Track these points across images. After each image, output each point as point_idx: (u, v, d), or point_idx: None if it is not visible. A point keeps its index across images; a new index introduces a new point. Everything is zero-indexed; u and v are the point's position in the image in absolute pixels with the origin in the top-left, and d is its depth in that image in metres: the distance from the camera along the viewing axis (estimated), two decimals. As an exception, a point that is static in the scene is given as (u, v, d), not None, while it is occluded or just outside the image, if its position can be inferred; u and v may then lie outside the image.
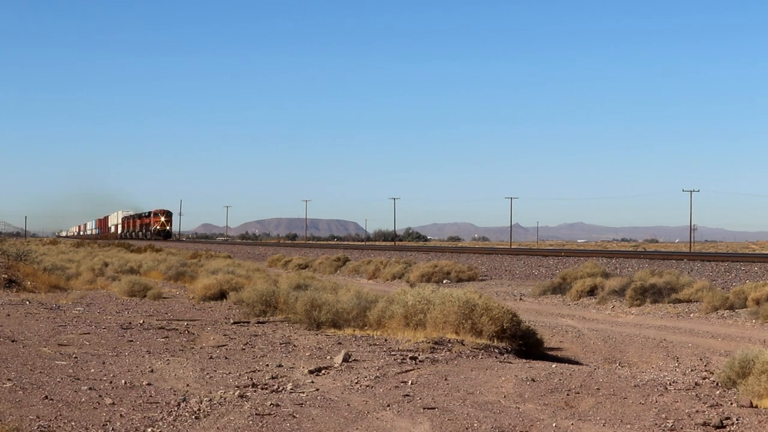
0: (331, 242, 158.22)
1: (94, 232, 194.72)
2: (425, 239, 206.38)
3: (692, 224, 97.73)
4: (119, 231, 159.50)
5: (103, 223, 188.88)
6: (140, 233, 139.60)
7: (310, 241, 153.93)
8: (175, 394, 8.92)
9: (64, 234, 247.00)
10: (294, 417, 8.12)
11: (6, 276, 22.58)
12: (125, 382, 9.43)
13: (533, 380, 9.65)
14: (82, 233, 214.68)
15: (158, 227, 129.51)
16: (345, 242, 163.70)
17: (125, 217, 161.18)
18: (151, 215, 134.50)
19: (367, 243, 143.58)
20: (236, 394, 9.04)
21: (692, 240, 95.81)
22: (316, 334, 13.91)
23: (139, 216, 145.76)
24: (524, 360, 11.99)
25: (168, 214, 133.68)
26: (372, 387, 9.54)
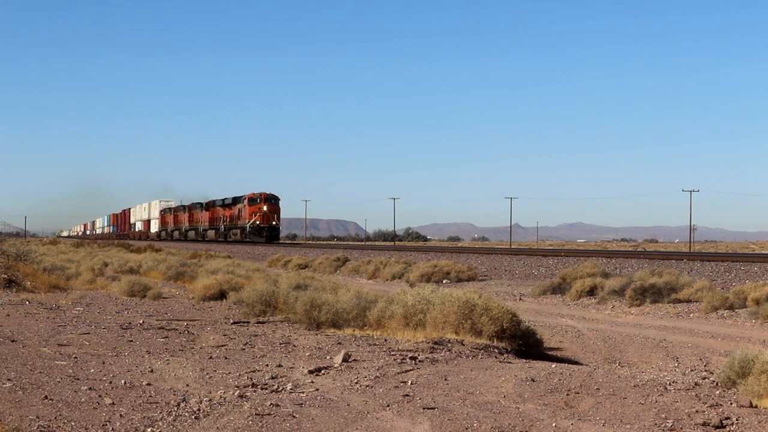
0: (330, 242, 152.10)
1: (106, 231, 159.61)
2: (425, 239, 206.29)
3: (692, 224, 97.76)
4: (155, 229, 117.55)
5: (120, 219, 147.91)
6: (209, 232, 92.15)
7: (310, 241, 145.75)
8: (174, 394, 8.92)
9: (65, 234, 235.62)
10: (294, 417, 8.12)
11: (6, 276, 22.57)
12: (125, 382, 9.43)
13: (533, 380, 9.65)
14: (89, 232, 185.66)
15: (258, 222, 79.75)
16: (345, 242, 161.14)
17: (167, 209, 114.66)
18: (244, 202, 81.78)
19: (366, 243, 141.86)
20: (236, 394, 9.03)
21: (692, 240, 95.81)
22: (316, 334, 13.90)
23: (209, 206, 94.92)
24: (524, 360, 11.99)
25: (272, 201, 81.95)
26: (372, 387, 9.54)
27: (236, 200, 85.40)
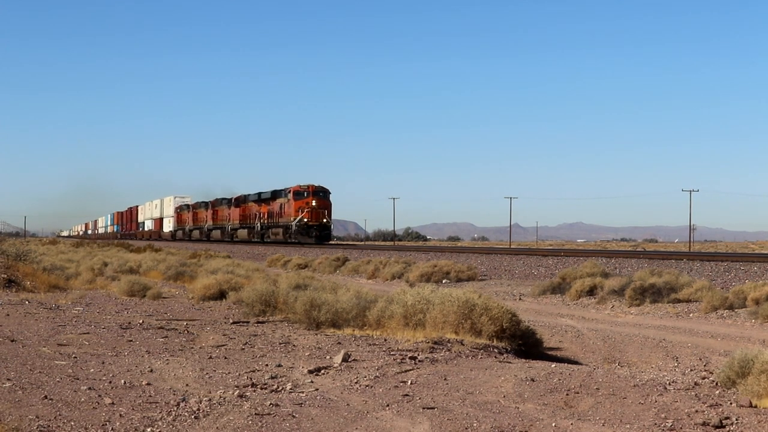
0: (330, 242, 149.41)
1: (110, 230, 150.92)
2: (425, 239, 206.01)
3: (692, 224, 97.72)
4: (169, 228, 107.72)
5: (126, 217, 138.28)
6: (240, 231, 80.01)
7: (360, 243, 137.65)
8: (174, 394, 8.92)
9: (65, 234, 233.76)
10: (293, 417, 8.12)
11: (5, 276, 22.57)
12: (125, 382, 9.43)
13: (533, 380, 9.65)
14: (91, 232, 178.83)
15: (306, 219, 67.02)
16: (344, 242, 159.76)
17: (184, 206, 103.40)
18: (288, 196, 69.00)
19: (366, 243, 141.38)
20: (236, 393, 9.03)
21: (692, 240, 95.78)
22: (316, 334, 13.90)
23: (239, 202, 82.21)
24: (524, 360, 11.99)
25: (322, 194, 68.97)
26: (371, 387, 9.53)
27: (276, 194, 72.23)
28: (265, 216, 74.49)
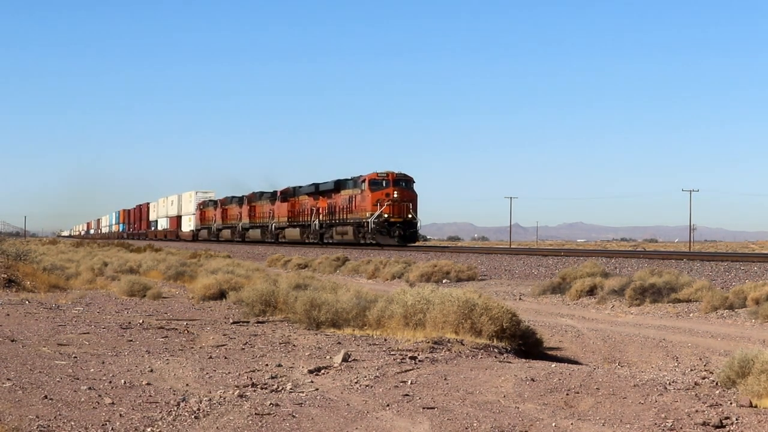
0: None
1: (115, 230, 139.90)
2: (425, 239, 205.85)
3: (692, 224, 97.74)
4: (189, 227, 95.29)
5: (134, 215, 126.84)
6: (289, 230, 66.96)
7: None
8: (174, 394, 8.92)
9: (66, 234, 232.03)
10: (293, 417, 8.12)
11: (5, 276, 22.57)
12: (125, 382, 9.44)
13: (533, 380, 9.65)
14: (93, 231, 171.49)
15: (386, 215, 53.49)
16: (344, 242, 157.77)
17: (208, 202, 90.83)
18: (363, 186, 54.65)
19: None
20: (236, 393, 9.04)
21: (692, 240, 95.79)
22: (316, 334, 13.90)
23: (286, 196, 68.38)
24: (524, 360, 11.99)
25: (404, 184, 54.74)
26: (371, 387, 9.54)
27: (341, 185, 58.24)
28: (325, 212, 60.85)
